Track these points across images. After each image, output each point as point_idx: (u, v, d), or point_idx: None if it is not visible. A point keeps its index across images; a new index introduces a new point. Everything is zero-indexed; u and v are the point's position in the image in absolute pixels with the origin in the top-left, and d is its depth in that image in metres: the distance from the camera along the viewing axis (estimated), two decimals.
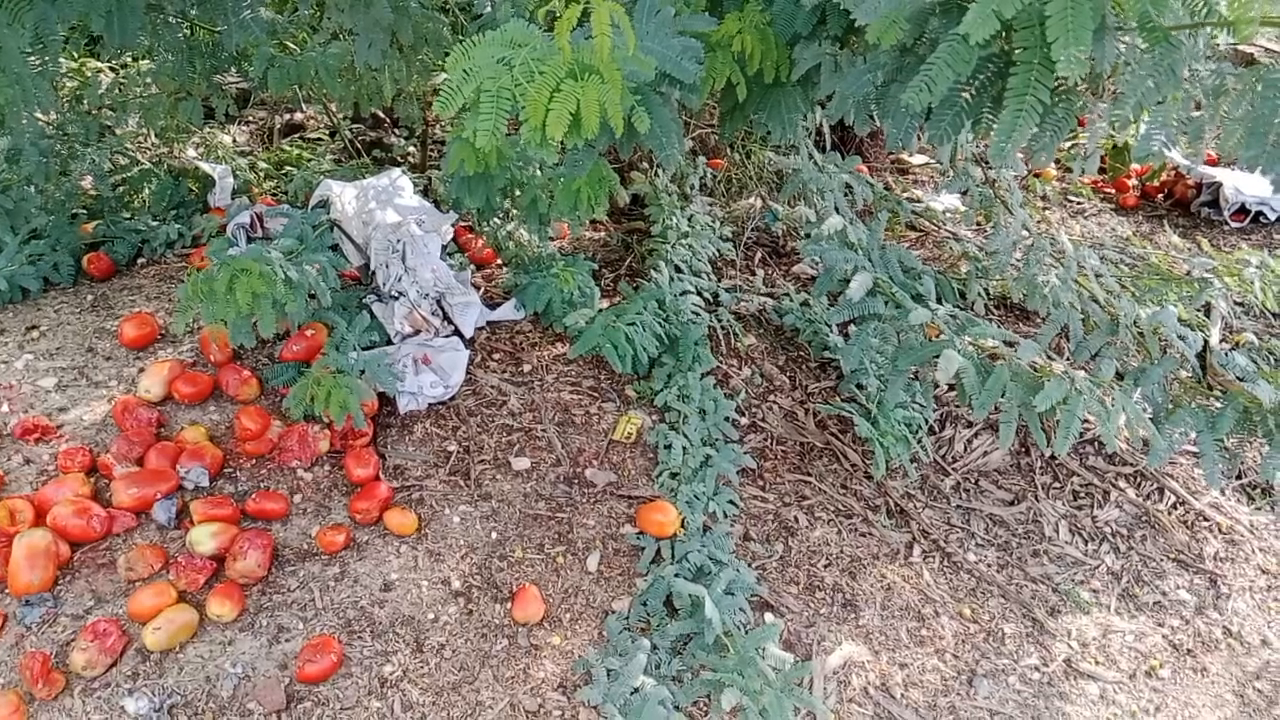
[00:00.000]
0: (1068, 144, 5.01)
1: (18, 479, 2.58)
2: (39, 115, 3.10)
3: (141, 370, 2.93)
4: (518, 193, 3.06)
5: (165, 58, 3.24)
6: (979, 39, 1.26)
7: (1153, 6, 1.24)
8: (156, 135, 4.00)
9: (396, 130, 4.72)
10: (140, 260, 3.49)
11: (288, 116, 4.85)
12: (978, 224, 4.40)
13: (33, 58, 1.84)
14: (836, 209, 2.42)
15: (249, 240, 3.30)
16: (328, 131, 4.56)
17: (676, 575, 2.50)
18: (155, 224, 3.57)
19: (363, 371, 2.71)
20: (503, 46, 1.37)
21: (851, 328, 3.26)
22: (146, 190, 3.73)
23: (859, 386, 3.08)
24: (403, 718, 2.20)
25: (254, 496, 2.58)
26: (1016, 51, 1.41)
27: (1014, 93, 1.39)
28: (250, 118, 4.90)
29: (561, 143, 1.57)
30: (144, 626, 2.26)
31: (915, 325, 2.29)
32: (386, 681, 2.28)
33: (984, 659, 2.54)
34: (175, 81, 3.35)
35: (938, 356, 2.19)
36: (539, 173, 3.03)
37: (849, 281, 2.34)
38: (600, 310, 3.12)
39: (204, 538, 2.43)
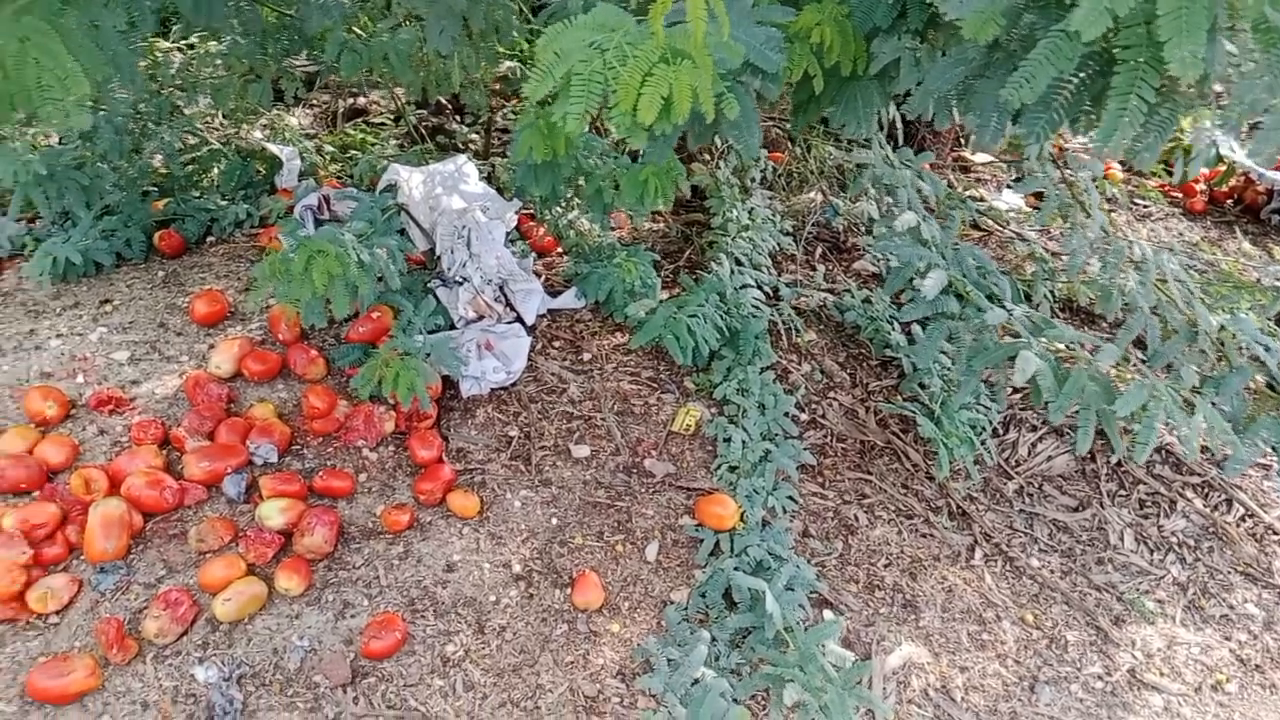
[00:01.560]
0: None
1: (92, 449, 2.65)
2: (125, 94, 3.15)
3: (212, 347, 2.99)
4: (582, 182, 3.06)
5: (238, 40, 3.29)
6: (1090, 36, 1.24)
7: (1271, 8, 1.21)
8: (225, 116, 4.06)
9: (458, 117, 4.75)
10: (209, 239, 3.55)
11: (351, 101, 4.90)
12: (1042, 226, 4.34)
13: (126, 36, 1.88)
14: (910, 205, 2.40)
15: (316, 222, 3.34)
16: (391, 117, 4.60)
17: (736, 569, 2.50)
18: (224, 203, 3.63)
19: (428, 355, 2.73)
20: (594, 30, 1.37)
21: (915, 326, 3.24)
22: (215, 170, 3.79)
23: (921, 386, 3.06)
24: (465, 697, 2.23)
25: (321, 474, 2.62)
26: (1119, 50, 1.38)
27: (1117, 92, 1.36)
28: (314, 101, 4.95)
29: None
30: (214, 597, 2.31)
31: (991, 326, 2.26)
32: (449, 660, 2.30)
33: (1046, 665, 2.51)
34: (246, 64, 3.40)
35: (1013, 358, 2.16)
36: (602, 163, 3.04)
37: (922, 278, 2.32)
38: (661, 301, 3.12)
39: (273, 513, 2.47)
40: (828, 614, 2.53)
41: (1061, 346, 2.28)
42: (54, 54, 1.44)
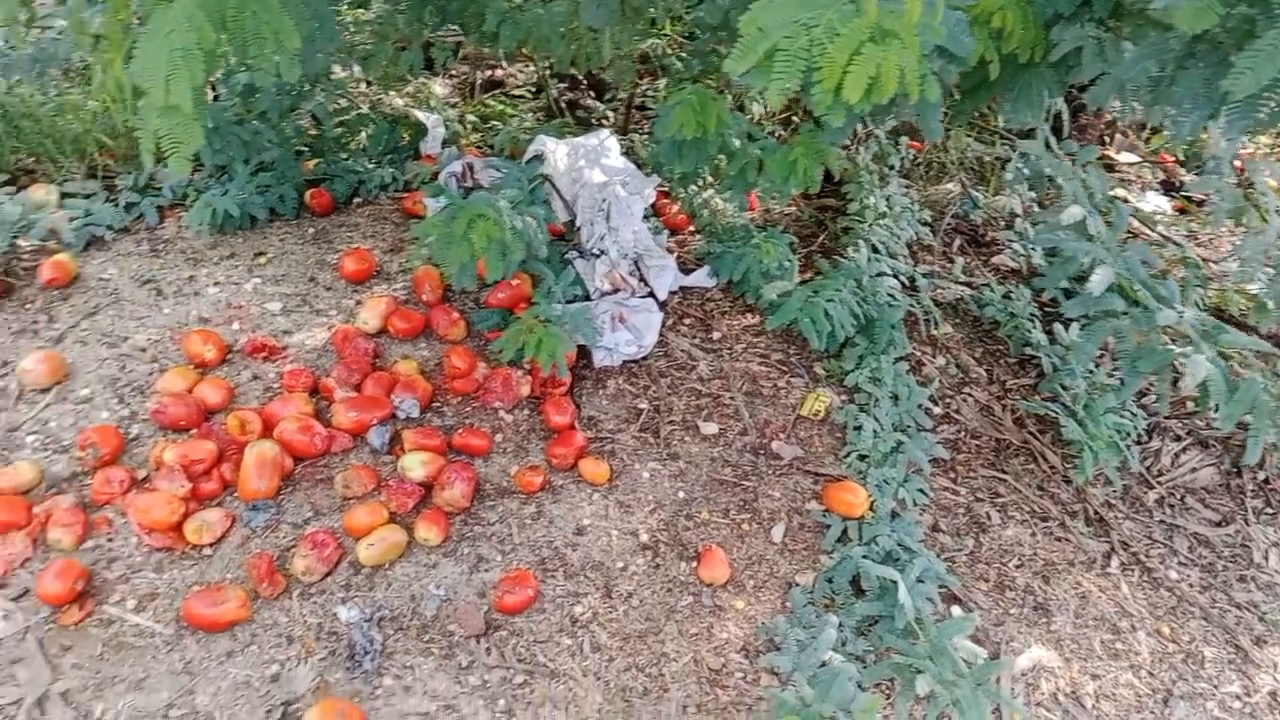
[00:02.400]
0: None
1: (246, 393, 2.77)
2: (322, 54, 3.26)
3: (359, 303, 3.09)
4: (725, 160, 3.06)
5: (396, 7, 3.38)
6: None
7: None
8: (375, 82, 4.18)
9: (591, 93, 4.79)
10: (356, 199, 3.67)
11: (489, 73, 4.99)
12: (1191, 231, 4.17)
13: None
14: (1075, 198, 2.33)
15: (460, 188, 3.43)
16: (529, 90, 4.66)
17: (865, 557, 2.49)
18: (371, 166, 3.74)
19: (566, 323, 2.78)
20: (801, 8, 1.37)
21: (1058, 326, 3.16)
22: (363, 134, 3.91)
23: (1063, 386, 2.97)
24: (592, 658, 2.27)
25: (460, 431, 2.70)
26: None
27: None
28: (454, 72, 5.06)
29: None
30: (358, 541, 2.40)
31: (1158, 327, 2.18)
32: (577, 621, 2.35)
33: (1181, 680, 2.43)
34: (402, 31, 3.49)
35: (1180, 362, 2.08)
36: (745, 143, 3.03)
37: (1086, 275, 2.25)
38: (797, 285, 3.11)
39: (415, 465, 2.55)
40: (956, 610, 2.50)
41: (1235, 354, 2.19)
42: (270, 7, 1.51)
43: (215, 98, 3.64)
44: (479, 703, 2.16)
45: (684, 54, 3.67)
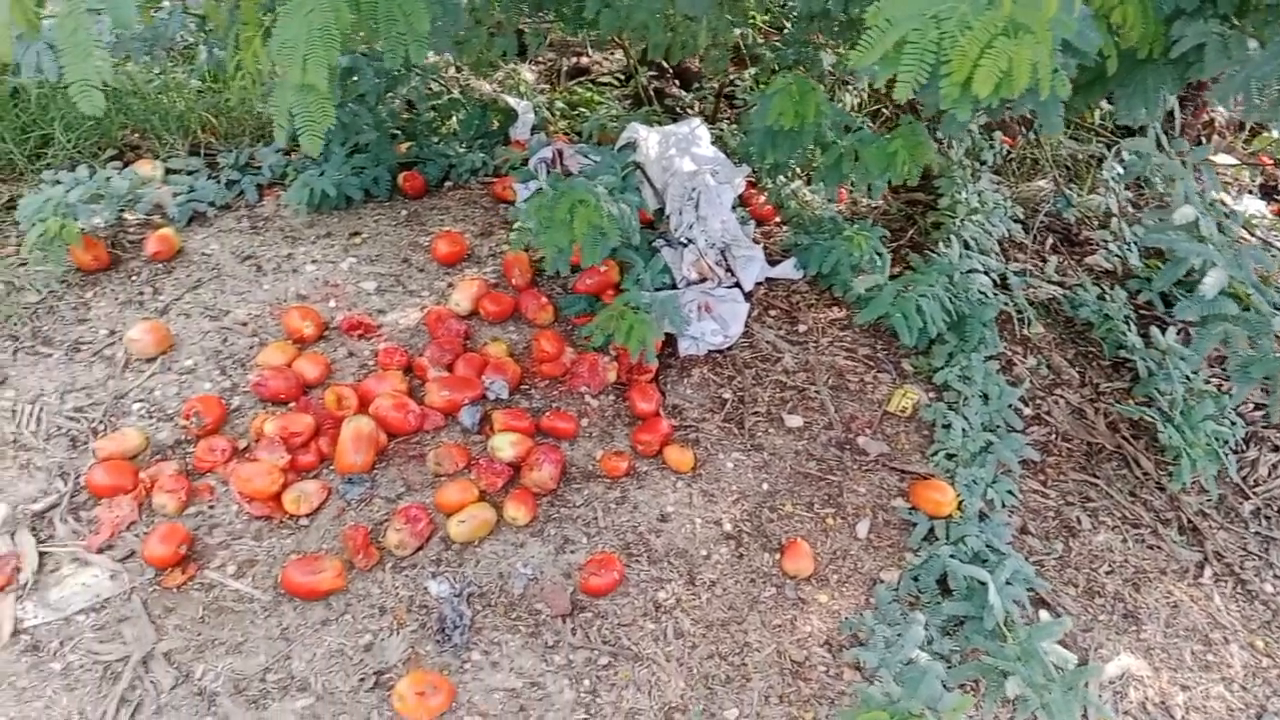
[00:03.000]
0: None
1: (342, 369, 2.84)
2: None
3: (450, 285, 3.15)
4: (818, 151, 3.04)
5: None
6: None
7: None
8: (467, 67, 4.23)
9: (676, 82, 4.79)
10: (447, 183, 3.72)
11: (574, 60, 5.02)
12: None
13: None
14: (1187, 198, 2.27)
15: (549, 174, 3.46)
16: (615, 77, 4.68)
17: (952, 556, 2.46)
18: (462, 150, 3.80)
19: (654, 311, 2.79)
20: (931, 0, 1.36)
21: (1154, 329, 3.08)
22: (454, 118, 3.97)
23: (1159, 391, 2.90)
24: (675, 644, 2.29)
25: (548, 414, 2.73)
26: None
27: None
28: (539, 59, 5.10)
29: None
30: (448, 518, 2.45)
31: (1272, 333, 2.12)
32: (661, 607, 2.37)
33: (1276, 696, 2.37)
34: (497, 16, 3.53)
35: None
36: (840, 134, 3.00)
37: (1200, 276, 2.20)
38: (888, 279, 3.08)
39: (504, 445, 2.59)
40: (1044, 614, 2.46)
41: None
42: None
43: None
44: (564, 682, 2.19)
45: (776, 44, 3.65)
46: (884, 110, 4.18)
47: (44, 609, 2.22)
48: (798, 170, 3.54)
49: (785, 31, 3.60)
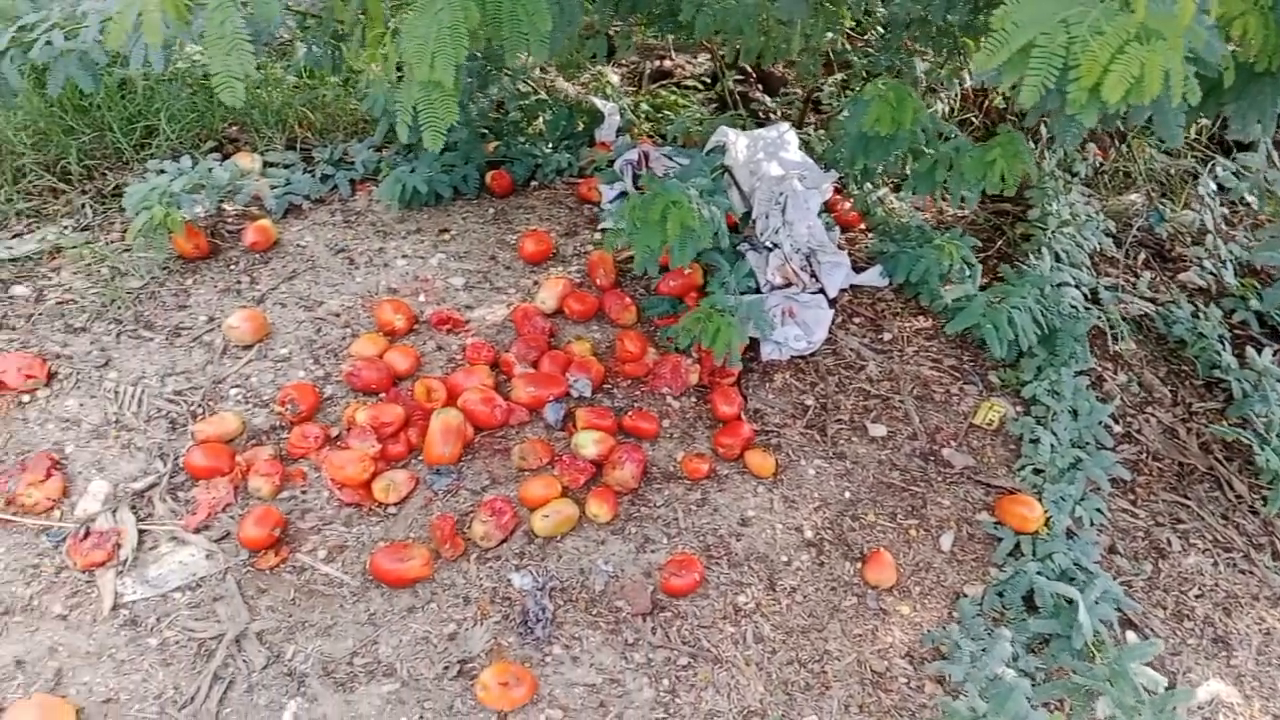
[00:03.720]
0: None
1: (431, 362, 2.89)
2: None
3: (536, 283, 3.18)
4: (910, 158, 3.02)
5: None
6: None
7: None
8: (555, 68, 4.28)
9: (759, 86, 4.78)
10: (533, 182, 3.76)
11: (657, 63, 5.04)
12: None
13: None
14: None
15: (635, 177, 3.48)
16: (699, 81, 4.69)
17: (1039, 573, 2.42)
18: (548, 150, 3.84)
19: (740, 315, 2.79)
20: (1061, 4, 1.34)
21: (1249, 349, 2.99)
22: (541, 119, 4.01)
23: (1254, 413, 2.82)
24: (754, 648, 2.29)
25: (630, 414, 2.74)
26: None
27: None
28: (623, 61, 5.13)
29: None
30: (532, 512, 2.48)
31: None
32: (740, 610, 2.37)
33: None
34: (590, 18, 3.56)
35: None
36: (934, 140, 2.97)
37: None
38: (979, 289, 3.04)
39: (587, 443, 2.61)
40: (1131, 635, 2.40)
41: None
42: None
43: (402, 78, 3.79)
44: (643, 680, 2.20)
45: (866, 49, 3.63)
46: (971, 120, 4.13)
47: (142, 585, 2.29)
48: (885, 177, 3.51)
49: (879, 37, 3.57)
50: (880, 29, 3.56)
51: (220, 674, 2.14)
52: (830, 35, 3.32)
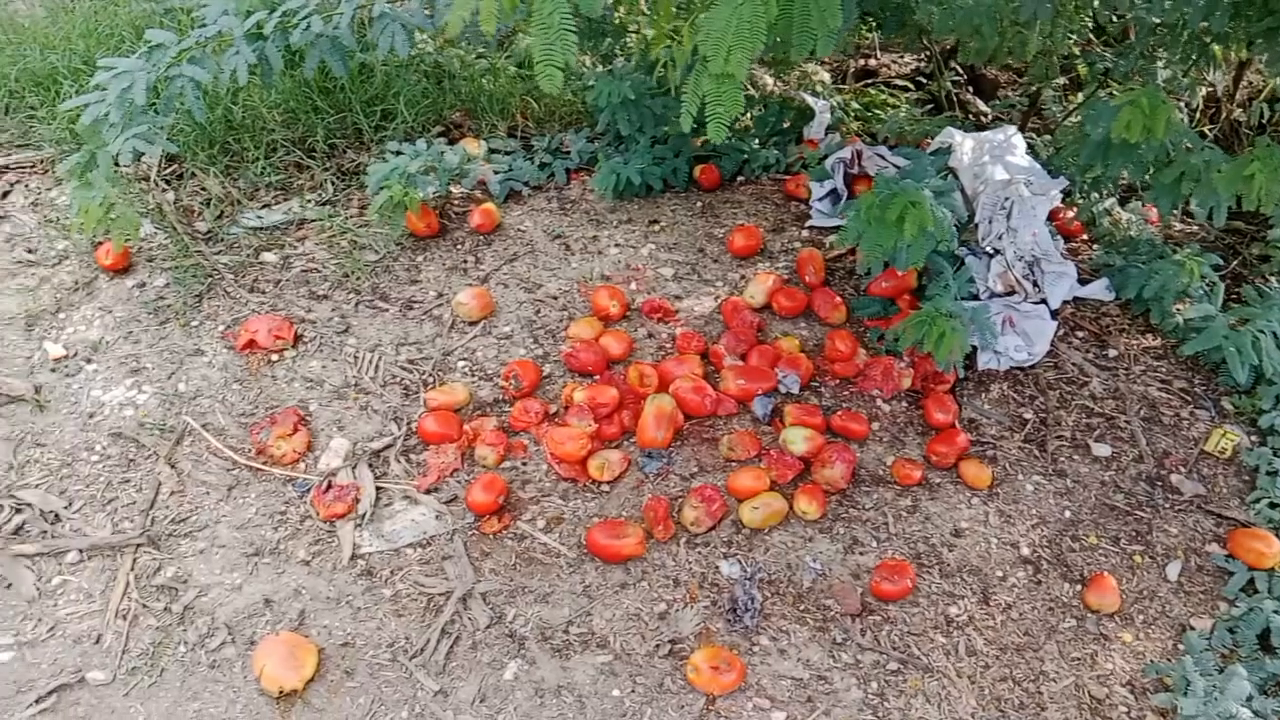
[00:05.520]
0: None
1: (641, 348, 2.96)
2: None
3: (743, 277, 3.21)
4: (1155, 169, 2.86)
5: None
6: None
7: None
8: (764, 64, 4.28)
9: (970, 88, 4.64)
10: (739, 178, 3.78)
11: (863, 61, 4.97)
12: None
13: None
14: None
15: (846, 176, 3.45)
16: (914, 79, 4.60)
17: (1276, 612, 2.27)
18: (755, 146, 3.85)
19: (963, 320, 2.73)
20: None
21: None
22: (750, 114, 4.02)
23: None
24: (967, 661, 2.24)
25: (839, 414, 2.73)
26: None
27: None
28: (827, 59, 5.09)
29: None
30: (740, 502, 2.51)
31: None
32: (952, 622, 2.32)
33: None
34: None
35: None
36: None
37: None
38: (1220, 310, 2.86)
39: (797, 439, 2.62)
40: None
41: None
42: None
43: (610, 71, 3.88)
44: (851, 680, 2.20)
45: (1101, 53, 3.47)
46: (1203, 132, 3.88)
47: (378, 539, 2.45)
48: (1112, 186, 3.35)
49: (1117, 40, 3.41)
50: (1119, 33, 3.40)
51: (448, 629, 2.26)
52: (1073, 37, 3.20)
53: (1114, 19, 3.25)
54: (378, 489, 2.55)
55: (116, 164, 2.76)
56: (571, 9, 1.37)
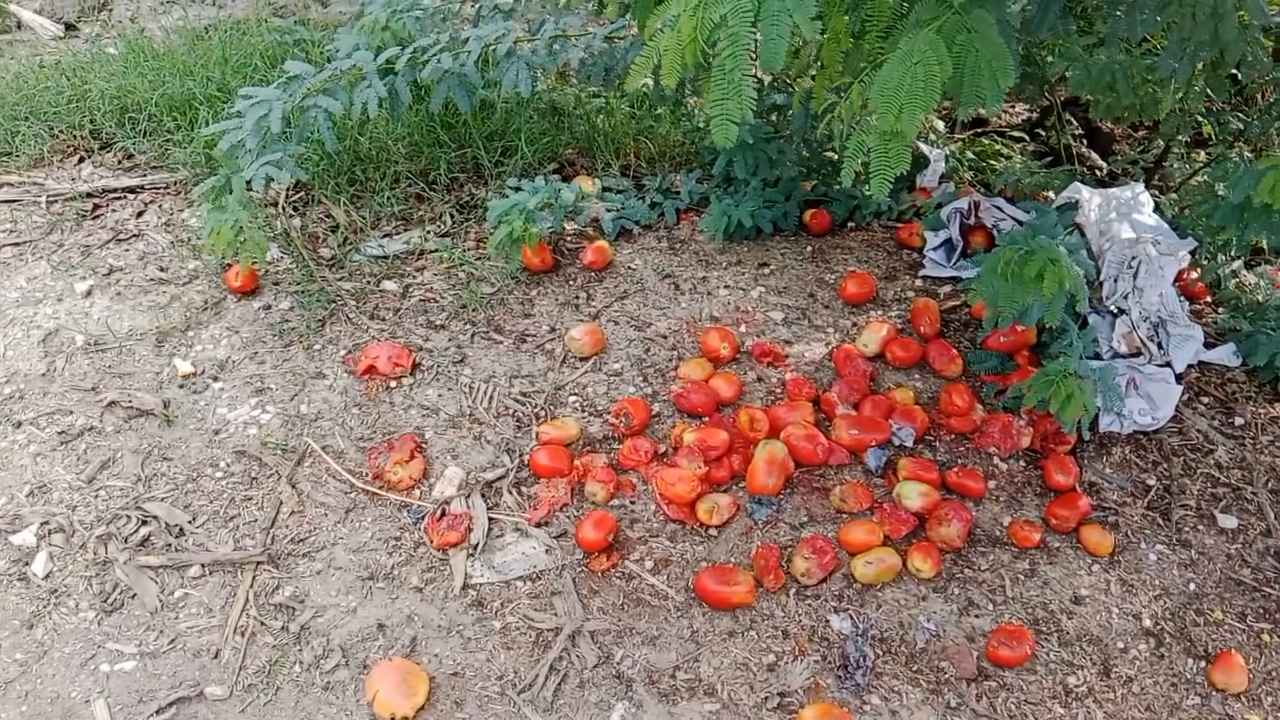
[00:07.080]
0: None
1: (751, 393, 2.95)
2: None
3: (855, 324, 3.18)
4: None
5: None
6: None
7: None
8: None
9: (1084, 140, 4.56)
10: (849, 223, 3.77)
11: (974, 110, 4.93)
12: None
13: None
14: None
15: (962, 227, 3.41)
16: (1029, 131, 4.54)
17: None
18: (867, 193, 3.83)
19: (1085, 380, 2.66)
20: None
21: None
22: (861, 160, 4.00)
23: None
24: None
25: (955, 470, 2.68)
26: None
27: None
28: (937, 108, 5.05)
29: None
30: (852, 556, 2.47)
31: None
32: (1071, 692, 2.25)
33: None
34: None
35: None
36: None
37: None
38: None
39: (912, 494, 2.57)
40: None
41: None
42: (991, 41, 1.58)
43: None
44: None
45: (1233, 113, 3.38)
46: None
47: (489, 570, 2.48)
48: (1242, 250, 3.25)
49: (1254, 102, 3.32)
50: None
51: (556, 666, 2.27)
52: (1210, 95, 3.12)
53: (1260, 79, 3.17)
54: (490, 519, 2.58)
55: (249, 188, 2.88)
56: (751, 65, 1.39)
